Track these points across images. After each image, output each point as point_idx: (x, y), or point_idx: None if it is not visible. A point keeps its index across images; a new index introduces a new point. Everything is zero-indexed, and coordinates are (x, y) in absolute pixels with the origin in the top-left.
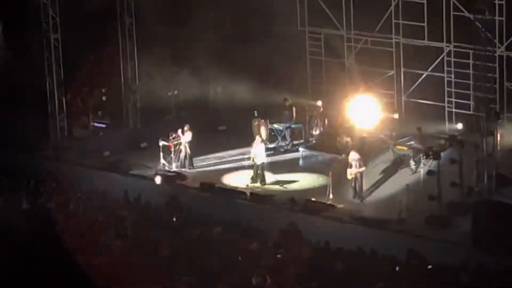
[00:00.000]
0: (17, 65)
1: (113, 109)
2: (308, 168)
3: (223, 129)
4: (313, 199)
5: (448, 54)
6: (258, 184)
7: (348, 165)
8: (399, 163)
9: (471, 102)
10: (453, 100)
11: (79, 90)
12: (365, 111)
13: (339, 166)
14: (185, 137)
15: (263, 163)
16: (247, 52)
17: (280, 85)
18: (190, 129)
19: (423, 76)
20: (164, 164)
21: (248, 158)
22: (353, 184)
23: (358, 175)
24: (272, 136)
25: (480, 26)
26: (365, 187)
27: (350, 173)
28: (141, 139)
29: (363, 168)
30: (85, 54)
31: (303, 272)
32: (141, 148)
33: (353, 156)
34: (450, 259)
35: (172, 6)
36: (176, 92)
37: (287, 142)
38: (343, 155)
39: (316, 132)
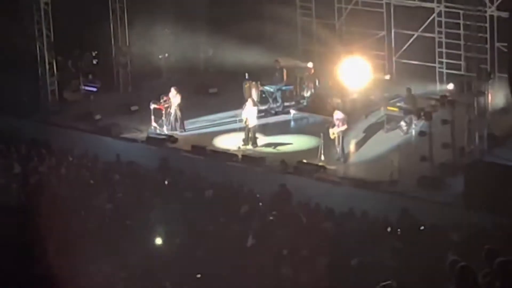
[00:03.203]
0: (7, 28)
1: (104, 73)
2: (299, 130)
3: (214, 91)
4: (304, 160)
5: (439, 15)
6: (249, 147)
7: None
8: (390, 124)
9: (462, 63)
10: (444, 60)
11: (70, 54)
12: (356, 72)
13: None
14: (175, 99)
15: (255, 125)
16: (238, 14)
17: (271, 47)
18: (179, 91)
19: (414, 37)
20: (155, 127)
21: (240, 121)
22: (336, 144)
23: (340, 134)
24: (263, 98)
25: None
26: (352, 149)
27: (333, 132)
28: (132, 102)
29: (344, 127)
30: (75, 17)
31: (293, 234)
32: (132, 111)
33: (337, 116)
34: (442, 219)
35: None
36: (167, 55)
37: (278, 104)
38: None
39: (307, 94)
